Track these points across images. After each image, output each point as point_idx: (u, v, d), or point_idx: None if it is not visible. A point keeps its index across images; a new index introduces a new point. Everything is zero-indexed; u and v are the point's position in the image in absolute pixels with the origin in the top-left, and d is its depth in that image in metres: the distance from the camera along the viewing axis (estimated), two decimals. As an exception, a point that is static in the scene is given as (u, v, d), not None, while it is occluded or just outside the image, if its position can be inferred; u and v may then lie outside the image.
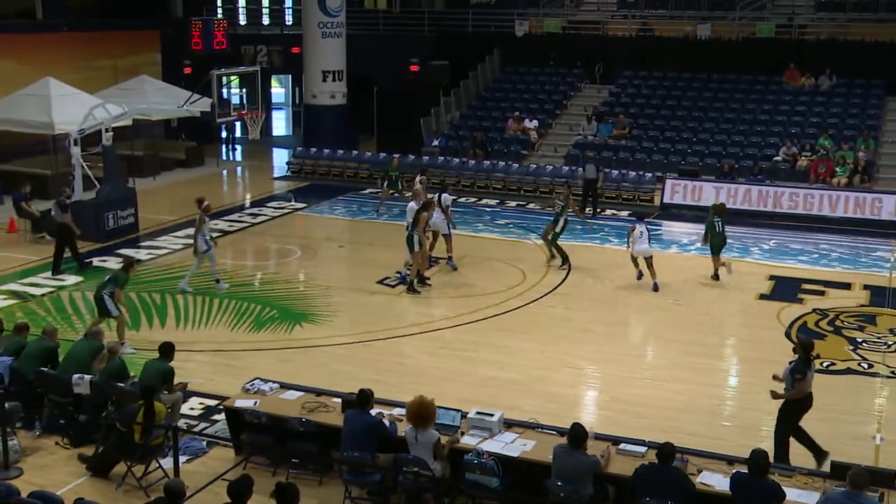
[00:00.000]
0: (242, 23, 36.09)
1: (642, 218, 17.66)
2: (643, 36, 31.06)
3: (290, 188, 26.20)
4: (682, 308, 16.10)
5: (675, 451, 8.62)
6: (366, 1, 37.39)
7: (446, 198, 18.27)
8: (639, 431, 10.26)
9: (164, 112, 25.08)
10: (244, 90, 22.14)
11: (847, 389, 12.75)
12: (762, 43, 28.95)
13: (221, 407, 11.17)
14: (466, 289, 16.98)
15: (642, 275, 16.96)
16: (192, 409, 11.78)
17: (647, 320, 15.89)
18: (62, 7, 28.72)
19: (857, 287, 17.22)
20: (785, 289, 17.07)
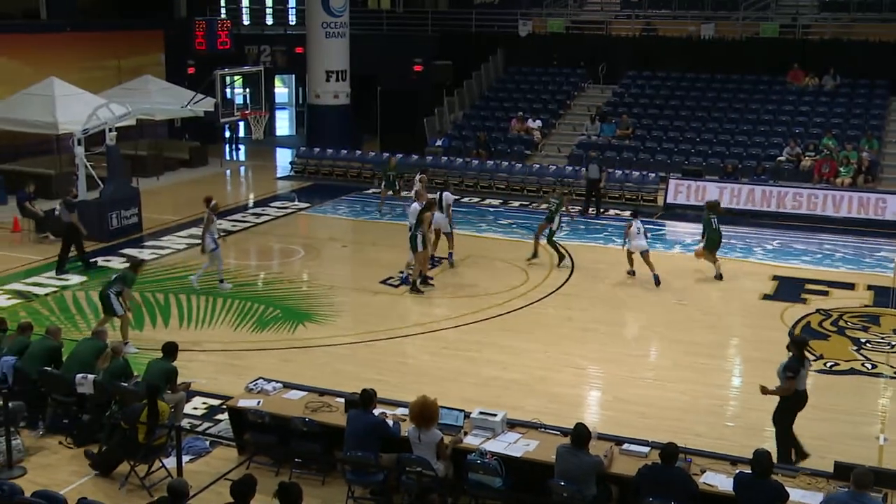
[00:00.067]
0: (246, 23, 36.12)
1: (637, 215, 17.77)
2: (647, 36, 31.00)
3: (294, 188, 26.20)
4: (686, 308, 16.10)
5: (679, 451, 8.60)
6: (369, 1, 37.41)
7: (448, 196, 18.28)
8: (642, 431, 10.26)
9: (167, 112, 25.12)
10: (248, 90, 22.11)
11: (851, 390, 12.74)
12: (766, 43, 28.91)
13: (225, 406, 11.20)
14: (469, 289, 16.97)
15: (634, 272, 17.30)
16: (195, 408, 11.79)
17: (650, 320, 15.83)
18: (66, 7, 28.77)
19: (860, 287, 17.19)
20: (788, 289, 17.05)
